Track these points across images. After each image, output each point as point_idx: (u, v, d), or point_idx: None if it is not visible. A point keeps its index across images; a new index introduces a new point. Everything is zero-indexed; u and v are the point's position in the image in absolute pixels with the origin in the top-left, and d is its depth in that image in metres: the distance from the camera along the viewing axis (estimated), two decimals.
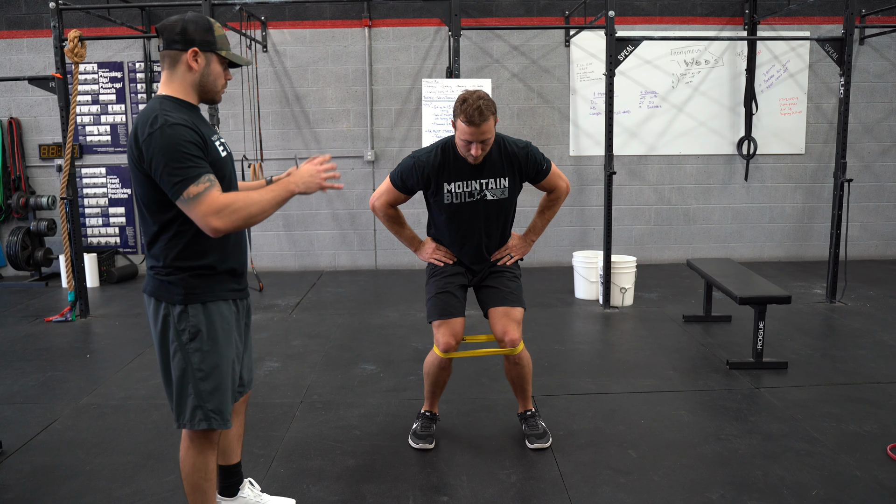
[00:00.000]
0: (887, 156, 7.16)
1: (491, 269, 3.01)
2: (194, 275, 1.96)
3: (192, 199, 1.81)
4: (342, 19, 6.82)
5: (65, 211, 5.21)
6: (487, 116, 2.62)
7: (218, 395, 2.01)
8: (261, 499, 2.45)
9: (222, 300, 2.02)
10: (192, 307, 1.96)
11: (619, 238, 6.96)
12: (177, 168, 1.81)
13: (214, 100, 2.06)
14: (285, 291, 6.10)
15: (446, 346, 2.83)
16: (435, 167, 2.80)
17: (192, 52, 1.94)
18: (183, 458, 2.08)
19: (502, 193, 2.85)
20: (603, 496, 2.58)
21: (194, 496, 2.10)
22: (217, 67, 2.00)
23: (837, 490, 2.58)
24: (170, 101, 1.93)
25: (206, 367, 1.98)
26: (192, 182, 1.81)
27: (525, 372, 2.97)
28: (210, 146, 1.94)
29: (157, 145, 1.82)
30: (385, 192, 2.93)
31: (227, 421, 2.04)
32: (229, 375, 2.04)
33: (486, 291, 2.98)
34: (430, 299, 2.93)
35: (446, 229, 2.94)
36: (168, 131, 1.82)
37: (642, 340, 4.54)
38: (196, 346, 1.97)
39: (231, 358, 2.05)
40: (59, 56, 5.11)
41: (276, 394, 3.66)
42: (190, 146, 1.84)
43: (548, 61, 6.91)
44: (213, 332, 1.98)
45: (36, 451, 3.02)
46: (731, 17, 6.91)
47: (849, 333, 4.61)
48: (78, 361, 4.29)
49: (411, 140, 6.94)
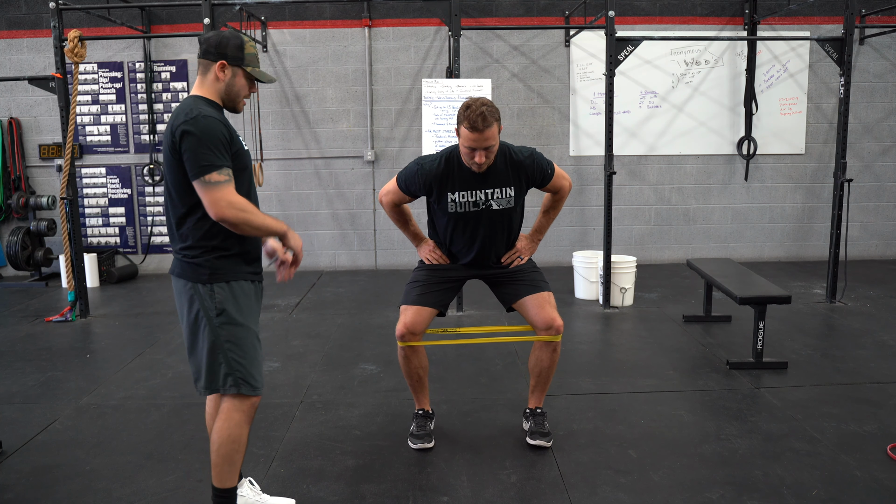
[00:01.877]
0: (887, 156, 7.16)
1: (507, 269, 3.01)
2: (218, 256, 2.17)
3: (213, 184, 2.06)
4: (342, 19, 6.83)
5: (65, 211, 5.22)
6: (491, 123, 2.62)
7: (246, 362, 2.19)
8: (260, 498, 2.46)
9: (244, 280, 2.22)
10: (217, 286, 2.16)
11: (619, 238, 6.96)
12: (205, 153, 2.05)
13: (235, 108, 2.28)
14: (285, 291, 6.10)
15: (400, 333, 2.86)
16: (438, 176, 2.80)
17: (221, 64, 2.19)
18: (219, 428, 2.22)
19: (508, 203, 2.85)
20: (603, 496, 2.58)
21: (223, 466, 2.23)
22: (241, 81, 2.24)
23: (837, 490, 2.58)
24: (203, 101, 2.19)
25: (234, 339, 2.17)
26: (216, 169, 2.06)
27: (556, 362, 2.97)
28: (236, 140, 2.18)
29: (194, 130, 2.06)
30: (391, 192, 2.96)
31: (255, 388, 2.22)
32: (255, 347, 2.24)
33: (511, 286, 2.98)
34: (406, 285, 3.01)
35: (450, 236, 2.94)
36: (203, 121, 2.08)
37: (642, 340, 4.54)
38: (222, 320, 2.16)
39: (255, 331, 2.25)
40: (59, 56, 5.11)
41: (276, 394, 3.66)
42: (221, 137, 2.09)
43: (548, 61, 6.91)
44: (238, 307, 2.18)
45: (36, 451, 3.02)
46: (731, 17, 6.91)
47: (849, 333, 4.61)
48: (78, 361, 4.29)
49: (411, 140, 6.94)
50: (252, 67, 2.23)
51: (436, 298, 2.93)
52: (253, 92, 2.30)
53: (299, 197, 7.06)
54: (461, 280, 3.06)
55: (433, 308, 2.92)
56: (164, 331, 4.91)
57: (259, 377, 2.23)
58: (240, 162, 2.18)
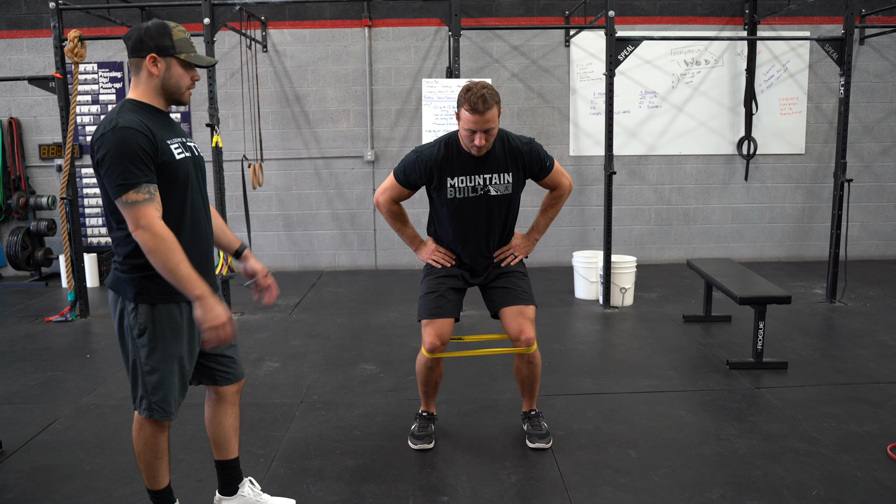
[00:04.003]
0: (887, 156, 7.16)
1: (497, 270, 3.00)
2: (145, 276, 2.02)
3: (130, 204, 1.91)
4: (342, 19, 6.83)
5: (65, 211, 5.21)
6: (491, 105, 2.63)
7: (161, 391, 2.10)
8: (261, 498, 2.45)
9: (173, 302, 2.07)
10: (141, 306, 2.05)
11: (619, 238, 6.96)
12: (121, 170, 1.90)
13: (181, 101, 2.12)
14: (285, 291, 6.10)
15: (431, 345, 2.85)
16: (438, 161, 2.80)
17: (151, 57, 2.02)
18: (135, 438, 2.19)
19: (506, 189, 2.85)
20: (603, 496, 2.58)
21: (147, 472, 2.22)
22: (178, 70, 2.06)
23: (837, 490, 2.58)
24: (130, 104, 2.03)
25: (151, 363, 2.08)
26: (132, 188, 1.91)
27: (536, 371, 2.98)
28: (162, 148, 2.00)
29: (107, 146, 1.92)
30: (388, 188, 2.93)
31: (169, 414, 2.13)
32: (174, 373, 2.11)
33: (496, 292, 2.97)
34: (421, 298, 2.95)
35: (448, 226, 2.92)
36: (118, 134, 1.91)
37: (642, 340, 4.54)
38: (143, 343, 2.07)
39: (178, 356, 2.11)
40: (59, 56, 5.11)
41: (276, 394, 3.66)
42: (137, 150, 1.92)
43: (548, 61, 6.91)
44: (159, 332, 2.06)
45: (36, 451, 3.03)
46: (731, 17, 6.91)
47: (849, 333, 4.61)
48: (78, 361, 4.29)
49: (411, 140, 6.94)
50: (186, 53, 2.05)
51: (452, 308, 2.92)
52: (195, 80, 2.12)
53: (299, 197, 7.06)
54: (465, 287, 3.04)
55: (452, 318, 2.92)
56: None
57: (173, 403, 2.13)
58: (170, 173, 2.00)
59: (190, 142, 2.17)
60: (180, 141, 2.09)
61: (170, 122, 2.11)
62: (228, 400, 2.35)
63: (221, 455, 2.39)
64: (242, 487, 2.44)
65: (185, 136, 2.17)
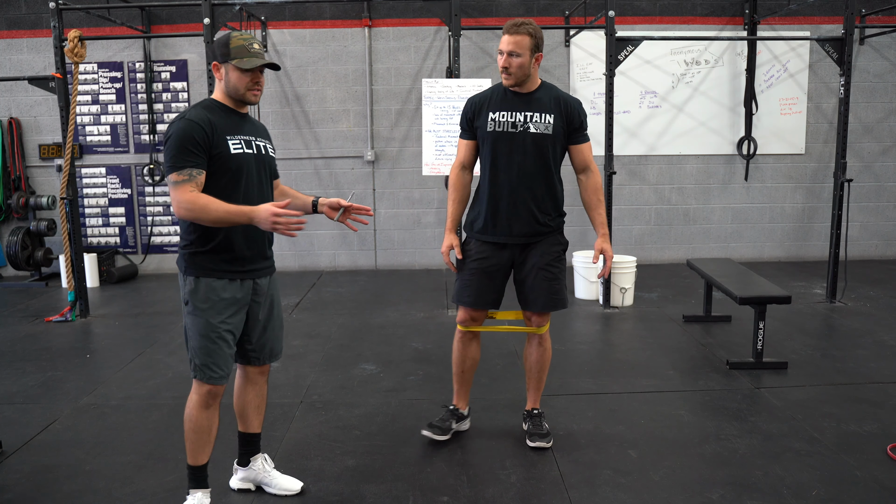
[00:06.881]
0: (887, 156, 7.16)
1: (536, 264, 2.91)
2: (193, 253, 2.32)
3: (172, 184, 2.20)
4: (342, 19, 6.82)
5: (65, 211, 5.21)
6: (523, 31, 2.79)
7: (202, 354, 2.31)
8: (269, 475, 2.62)
9: (215, 277, 2.31)
10: (188, 278, 2.32)
11: (619, 238, 6.96)
12: (172, 154, 2.19)
13: (245, 100, 2.34)
14: (285, 291, 6.10)
15: (461, 318, 2.97)
16: (485, 98, 2.93)
17: (214, 65, 2.33)
18: (187, 407, 2.39)
19: (546, 128, 2.86)
20: (603, 496, 2.58)
21: (188, 443, 2.40)
22: (235, 74, 2.29)
23: (837, 490, 2.58)
24: (207, 102, 2.34)
25: (193, 329, 2.33)
26: (176, 170, 2.19)
27: (546, 358, 3.04)
28: (218, 142, 2.25)
29: (169, 132, 2.22)
30: (458, 152, 3.03)
31: (211, 378, 2.33)
32: (214, 340, 2.32)
33: (530, 293, 2.93)
34: (457, 281, 3.01)
35: (487, 168, 2.90)
36: (179, 124, 2.22)
37: (642, 340, 4.54)
38: (188, 310, 2.34)
39: (218, 325, 2.32)
40: (59, 56, 5.11)
41: (276, 394, 3.65)
42: (190, 140, 2.19)
43: (548, 61, 6.91)
44: (201, 301, 2.30)
45: (36, 451, 3.03)
46: (731, 17, 6.91)
47: (849, 333, 4.61)
48: (78, 361, 4.29)
49: (411, 140, 6.94)
50: (239, 59, 2.27)
51: (485, 297, 2.93)
52: (255, 81, 2.32)
53: None
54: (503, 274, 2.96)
55: (483, 309, 2.98)
56: (164, 331, 4.91)
57: (217, 370, 2.33)
58: (222, 164, 2.26)
59: (259, 141, 2.40)
60: (243, 138, 2.34)
61: (239, 121, 2.36)
62: (252, 379, 2.57)
63: (243, 427, 2.61)
64: (255, 461, 2.63)
65: (259, 136, 2.42)
